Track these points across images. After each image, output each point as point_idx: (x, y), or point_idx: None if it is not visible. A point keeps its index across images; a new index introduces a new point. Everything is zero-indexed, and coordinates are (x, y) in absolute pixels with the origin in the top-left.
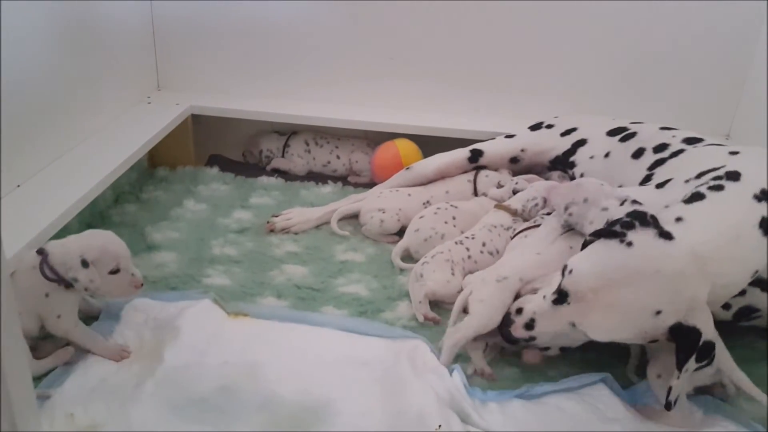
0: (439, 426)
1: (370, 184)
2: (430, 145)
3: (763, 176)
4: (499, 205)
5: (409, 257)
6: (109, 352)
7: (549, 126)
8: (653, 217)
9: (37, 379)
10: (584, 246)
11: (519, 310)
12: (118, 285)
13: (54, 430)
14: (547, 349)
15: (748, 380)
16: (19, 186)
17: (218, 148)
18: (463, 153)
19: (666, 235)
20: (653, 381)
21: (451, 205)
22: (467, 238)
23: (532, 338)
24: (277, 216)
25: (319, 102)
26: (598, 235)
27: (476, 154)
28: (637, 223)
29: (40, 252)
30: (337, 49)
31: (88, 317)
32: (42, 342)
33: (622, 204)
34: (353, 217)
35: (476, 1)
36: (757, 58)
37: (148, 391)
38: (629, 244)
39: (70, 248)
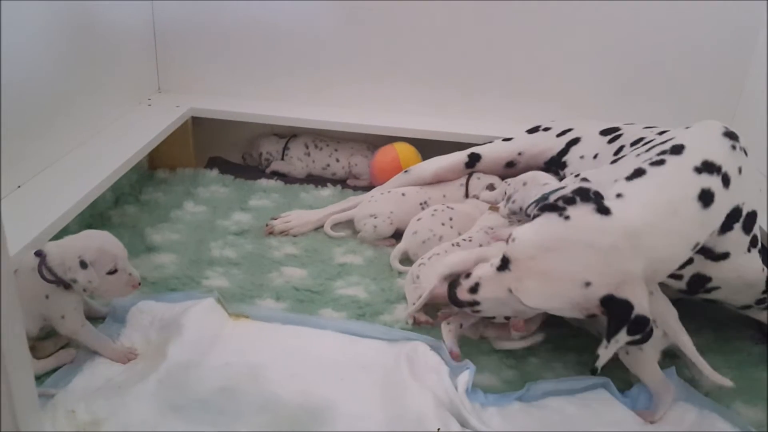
0: (438, 429)
1: (369, 187)
2: (428, 148)
3: (706, 147)
4: (494, 207)
5: (407, 260)
6: (116, 354)
7: (546, 129)
8: (596, 193)
9: (38, 378)
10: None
11: (468, 275)
12: (115, 285)
13: (56, 427)
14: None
15: (705, 363)
16: (19, 187)
17: (218, 151)
18: (461, 156)
19: (604, 210)
20: (624, 358)
21: (448, 207)
22: (464, 240)
23: (476, 302)
24: (276, 219)
25: (318, 105)
26: (543, 209)
27: (474, 158)
28: (578, 199)
29: (38, 254)
30: (336, 53)
31: (94, 320)
32: (41, 342)
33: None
34: (350, 219)
35: (475, 6)
36: (756, 60)
37: (150, 389)
38: (567, 217)
39: (67, 249)
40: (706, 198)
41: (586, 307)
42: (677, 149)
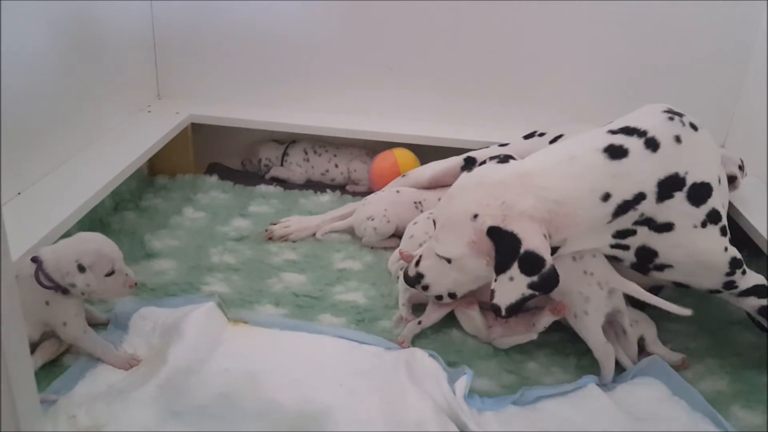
0: None
1: (368, 193)
2: (428, 154)
3: (633, 119)
4: None
5: None
6: (118, 360)
7: (541, 134)
8: (509, 156)
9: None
10: None
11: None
12: (113, 286)
13: (56, 430)
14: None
15: (660, 299)
16: (19, 194)
17: (217, 157)
18: (457, 161)
19: (504, 162)
20: (572, 322)
21: None
22: None
23: (420, 275)
24: (275, 224)
25: (317, 111)
26: None
27: (470, 162)
28: (488, 159)
29: (35, 260)
30: (336, 58)
31: (95, 327)
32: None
33: None
34: (346, 229)
35: (474, 12)
36: (755, 62)
37: (151, 394)
38: (471, 170)
39: (64, 254)
40: (614, 151)
41: (481, 247)
42: (604, 125)
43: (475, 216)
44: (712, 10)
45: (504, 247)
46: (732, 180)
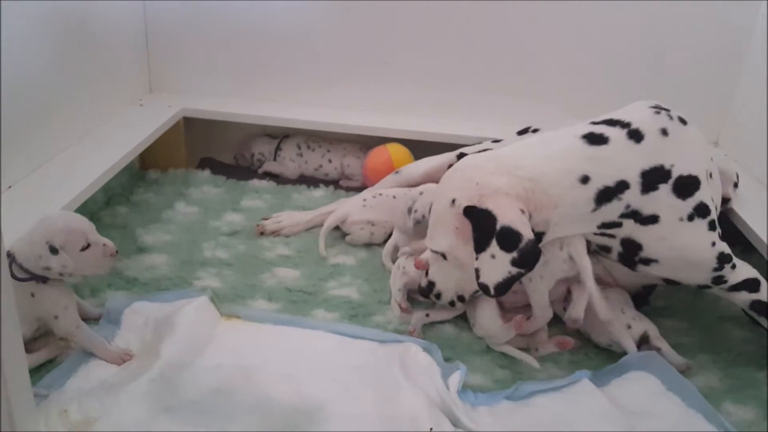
0: (431, 429)
1: (362, 188)
2: (421, 149)
3: (618, 112)
4: None
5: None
6: (111, 355)
7: (535, 130)
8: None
9: (30, 372)
10: None
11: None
12: (92, 260)
13: (48, 427)
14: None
15: (598, 294)
16: (10, 187)
17: (210, 151)
18: (450, 157)
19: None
20: (526, 285)
21: None
22: None
23: (432, 284)
24: (267, 219)
25: (311, 106)
26: None
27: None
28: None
29: (7, 255)
30: (330, 53)
31: (88, 322)
32: (34, 342)
33: None
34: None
35: (468, 6)
36: (748, 67)
37: (143, 389)
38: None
39: (33, 240)
40: (593, 138)
41: (465, 232)
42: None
43: (453, 201)
44: (709, 9)
45: (480, 224)
46: (725, 201)
